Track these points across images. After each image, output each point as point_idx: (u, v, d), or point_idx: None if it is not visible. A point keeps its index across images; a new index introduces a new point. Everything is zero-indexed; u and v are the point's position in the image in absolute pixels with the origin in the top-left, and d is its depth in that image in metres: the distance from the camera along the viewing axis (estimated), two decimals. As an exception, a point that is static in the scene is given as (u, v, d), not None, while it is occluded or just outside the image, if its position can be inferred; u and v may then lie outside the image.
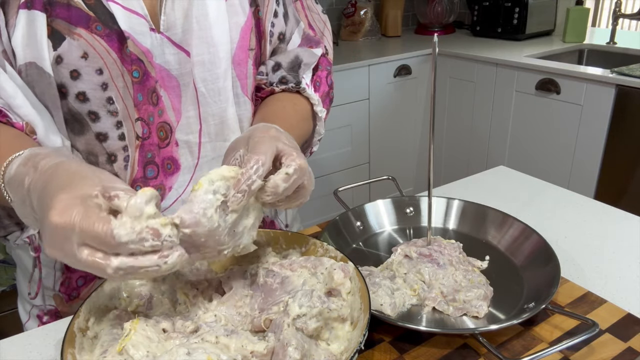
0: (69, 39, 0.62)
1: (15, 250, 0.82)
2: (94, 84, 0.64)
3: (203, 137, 0.75)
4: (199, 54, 0.70)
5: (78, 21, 0.62)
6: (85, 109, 0.66)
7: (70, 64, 0.63)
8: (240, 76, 0.75)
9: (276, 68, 0.80)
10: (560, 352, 0.56)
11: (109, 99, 0.66)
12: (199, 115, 0.74)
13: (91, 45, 0.63)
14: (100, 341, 0.51)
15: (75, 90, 0.64)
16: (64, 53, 0.62)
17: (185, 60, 0.70)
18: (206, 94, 0.73)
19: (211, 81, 0.72)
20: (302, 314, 0.52)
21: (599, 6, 3.20)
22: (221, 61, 0.72)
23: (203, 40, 0.70)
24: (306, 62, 0.81)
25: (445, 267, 0.68)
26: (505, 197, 0.96)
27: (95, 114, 0.66)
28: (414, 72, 2.50)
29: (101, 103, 0.66)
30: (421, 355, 0.58)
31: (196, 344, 0.49)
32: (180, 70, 0.70)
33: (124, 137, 0.69)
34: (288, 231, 0.68)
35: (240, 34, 0.73)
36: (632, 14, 2.41)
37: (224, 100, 0.74)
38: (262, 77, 0.80)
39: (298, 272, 0.61)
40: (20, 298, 0.87)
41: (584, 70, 2.04)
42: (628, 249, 0.79)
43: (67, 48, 0.62)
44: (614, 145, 1.98)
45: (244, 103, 0.77)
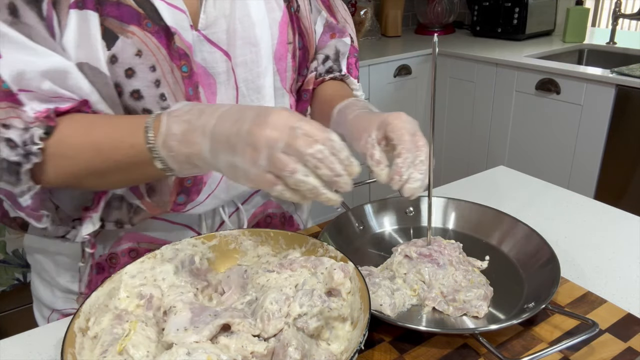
0: (123, 38, 0.62)
1: (35, 255, 0.81)
2: (148, 81, 0.65)
3: None
4: (242, 54, 0.71)
5: (130, 19, 0.62)
6: (140, 106, 0.66)
7: (125, 63, 0.63)
8: (280, 70, 0.77)
9: (325, 60, 0.85)
10: (560, 352, 0.56)
11: (161, 96, 0.66)
12: None
13: (144, 42, 0.63)
14: (100, 341, 0.51)
15: (130, 88, 0.65)
16: (118, 52, 0.62)
17: (222, 60, 0.71)
18: (246, 93, 0.74)
19: (251, 80, 0.74)
20: (302, 314, 0.52)
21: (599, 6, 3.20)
22: (262, 59, 0.73)
23: (246, 41, 0.71)
24: (343, 51, 0.87)
25: (445, 267, 0.68)
26: (505, 197, 0.96)
27: (149, 111, 0.66)
28: (414, 72, 2.50)
29: (155, 100, 0.66)
30: (421, 355, 0.58)
31: (196, 344, 0.49)
32: (217, 68, 0.71)
33: None
34: (288, 231, 0.68)
35: (279, 30, 0.75)
36: (632, 14, 2.41)
37: (262, 97, 0.76)
38: (314, 72, 0.84)
39: (298, 272, 0.61)
40: (37, 303, 0.86)
41: (583, 70, 2.04)
42: (628, 249, 0.79)
43: (121, 47, 0.62)
44: (614, 146, 1.98)
45: (283, 96, 0.80)
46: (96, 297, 0.56)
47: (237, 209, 0.81)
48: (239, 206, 0.81)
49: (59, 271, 0.79)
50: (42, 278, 0.82)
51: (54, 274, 0.79)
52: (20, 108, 0.58)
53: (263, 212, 0.86)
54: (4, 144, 0.58)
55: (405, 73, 2.48)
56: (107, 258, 0.76)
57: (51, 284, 0.81)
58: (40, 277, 0.82)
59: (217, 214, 0.80)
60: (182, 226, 0.78)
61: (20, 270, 1.83)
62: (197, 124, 0.54)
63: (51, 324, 0.69)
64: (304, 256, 0.64)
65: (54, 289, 0.81)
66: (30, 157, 0.58)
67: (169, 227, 0.77)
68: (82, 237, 0.69)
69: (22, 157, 0.58)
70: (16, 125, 0.58)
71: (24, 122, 0.58)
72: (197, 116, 0.54)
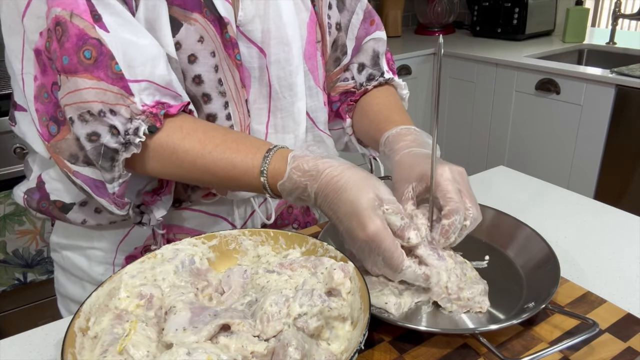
0: (186, 25, 0.64)
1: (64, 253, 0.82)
2: (208, 66, 0.67)
3: (270, 128, 0.79)
4: (276, 53, 0.74)
5: (193, 7, 0.64)
6: (200, 91, 0.68)
7: (188, 49, 0.65)
8: (312, 69, 0.80)
9: (361, 69, 0.86)
10: (560, 351, 0.56)
11: (219, 80, 0.69)
12: (269, 108, 0.77)
13: (205, 29, 0.66)
14: (101, 341, 0.51)
15: (192, 73, 0.67)
16: (182, 39, 0.65)
17: (257, 56, 0.73)
18: (279, 90, 0.76)
19: (284, 78, 0.76)
20: (302, 313, 0.52)
21: (599, 6, 3.21)
22: (294, 58, 0.75)
23: (279, 41, 0.73)
24: (381, 51, 0.87)
25: (444, 258, 0.68)
26: (505, 197, 0.96)
27: (208, 95, 0.69)
28: (414, 72, 2.50)
29: (214, 85, 0.69)
30: (421, 355, 0.58)
31: (196, 344, 0.49)
32: (252, 64, 0.74)
33: (230, 117, 0.72)
34: (288, 231, 0.68)
35: (307, 30, 0.77)
36: (631, 14, 2.42)
37: (294, 94, 0.78)
38: (348, 82, 0.85)
39: (298, 272, 0.61)
40: (63, 300, 0.88)
41: (583, 70, 2.04)
42: (628, 249, 0.79)
43: (184, 34, 0.64)
44: (614, 146, 1.98)
45: (317, 94, 0.82)
46: (96, 297, 0.56)
47: (265, 200, 0.84)
48: (266, 197, 0.84)
49: (91, 265, 0.80)
50: (71, 274, 0.83)
51: (87, 268, 0.81)
52: (130, 98, 0.59)
53: (286, 202, 0.89)
54: (107, 129, 0.59)
55: (405, 73, 2.48)
56: (142, 250, 0.78)
57: (82, 279, 0.82)
58: (68, 274, 0.84)
59: (249, 204, 0.83)
60: (216, 217, 0.81)
61: (20, 270, 1.83)
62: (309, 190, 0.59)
63: (51, 323, 0.69)
64: (304, 256, 0.64)
65: (85, 284, 0.83)
66: (130, 147, 0.60)
67: (204, 217, 0.80)
68: (157, 219, 0.71)
69: (122, 146, 0.59)
70: (123, 113, 0.59)
71: (130, 112, 0.59)
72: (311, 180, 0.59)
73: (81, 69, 0.57)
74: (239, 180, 0.63)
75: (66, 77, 0.57)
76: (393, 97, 0.85)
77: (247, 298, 0.58)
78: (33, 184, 0.75)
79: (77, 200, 0.73)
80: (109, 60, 0.57)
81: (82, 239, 0.79)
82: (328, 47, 0.83)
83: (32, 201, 0.74)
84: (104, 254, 0.79)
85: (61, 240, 0.81)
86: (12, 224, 1.77)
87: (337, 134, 0.91)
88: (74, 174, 0.63)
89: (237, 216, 0.81)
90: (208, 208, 0.79)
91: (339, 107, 0.87)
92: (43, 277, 1.83)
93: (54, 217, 0.75)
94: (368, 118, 0.83)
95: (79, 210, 0.73)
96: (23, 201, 0.76)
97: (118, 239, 0.78)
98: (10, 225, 1.77)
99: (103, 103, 0.58)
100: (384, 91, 0.86)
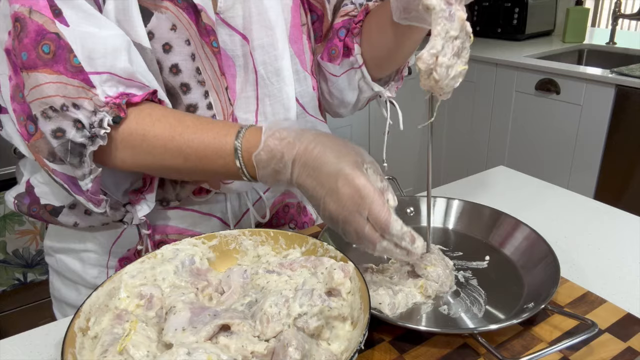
0: (157, 13, 0.63)
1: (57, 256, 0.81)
2: (184, 54, 0.66)
3: (259, 117, 0.77)
4: (259, 37, 0.73)
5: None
6: (178, 81, 0.67)
7: (162, 38, 0.64)
8: (298, 53, 0.78)
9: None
10: (559, 352, 0.56)
11: (197, 69, 0.68)
12: (256, 96, 0.76)
13: (177, 17, 0.65)
14: (101, 341, 0.51)
15: (169, 63, 0.66)
16: (154, 28, 0.64)
17: (240, 43, 0.72)
18: (265, 76, 0.75)
19: (270, 63, 0.74)
20: (302, 313, 0.52)
21: (599, 6, 3.21)
22: (278, 42, 0.74)
23: (262, 25, 0.72)
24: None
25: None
26: (505, 197, 0.96)
27: (186, 85, 0.68)
28: (414, 72, 2.50)
29: (192, 74, 0.68)
30: (421, 355, 0.58)
31: (196, 344, 0.49)
32: (236, 51, 0.73)
33: (212, 106, 0.71)
34: (288, 231, 0.68)
35: (291, 13, 0.76)
36: (631, 14, 2.42)
37: (281, 79, 0.76)
38: (347, 7, 0.83)
39: (298, 272, 0.61)
40: (59, 304, 0.87)
41: (583, 70, 2.04)
42: (628, 249, 0.79)
43: (156, 23, 0.64)
44: (614, 146, 1.98)
45: (305, 78, 0.81)
46: (96, 297, 0.56)
47: (260, 198, 0.83)
48: (261, 195, 0.83)
49: (85, 268, 0.80)
50: (65, 277, 0.82)
51: (80, 272, 0.80)
52: (92, 90, 0.58)
53: (282, 201, 0.88)
54: (71, 124, 0.58)
55: (405, 73, 2.48)
56: (135, 252, 0.77)
57: (77, 282, 0.81)
58: (62, 277, 0.83)
59: (243, 203, 0.82)
60: (209, 216, 0.80)
61: (20, 270, 1.84)
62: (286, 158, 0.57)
63: (51, 323, 0.69)
64: (304, 256, 0.64)
65: (79, 287, 0.82)
66: (97, 139, 0.59)
67: (196, 217, 0.79)
68: (139, 219, 0.70)
69: (88, 140, 0.58)
70: (86, 106, 0.58)
71: (94, 105, 0.58)
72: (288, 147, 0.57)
73: (40, 64, 0.56)
74: (211, 159, 0.61)
75: (27, 73, 0.57)
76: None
77: (247, 299, 0.58)
78: (22, 189, 0.74)
79: (66, 203, 0.72)
80: (67, 53, 0.56)
81: (75, 242, 0.78)
82: (329, 13, 0.81)
83: (22, 206, 0.73)
84: (97, 257, 0.78)
85: (54, 243, 0.81)
86: (12, 224, 1.77)
87: (348, 78, 0.86)
88: (52, 172, 0.62)
89: (230, 215, 0.80)
90: (200, 207, 0.78)
91: (345, 37, 0.83)
92: (43, 277, 1.83)
93: (46, 220, 0.74)
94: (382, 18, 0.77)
95: (69, 213, 0.73)
96: (14, 206, 0.74)
97: (110, 241, 0.77)
98: (10, 225, 1.77)
99: (65, 97, 0.57)
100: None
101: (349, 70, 0.85)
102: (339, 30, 0.83)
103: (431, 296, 0.66)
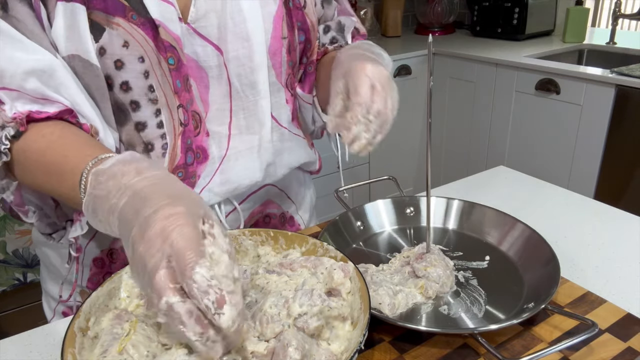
0: (109, 30, 0.63)
1: (42, 248, 0.82)
2: (136, 72, 0.66)
3: (233, 130, 0.76)
4: (234, 49, 0.71)
5: (115, 11, 0.63)
6: (128, 98, 0.67)
7: (113, 54, 0.64)
8: (275, 65, 0.77)
9: (326, 30, 0.85)
10: (559, 352, 0.56)
11: (150, 87, 0.67)
12: (230, 108, 0.75)
13: (130, 34, 0.64)
14: (101, 341, 0.51)
15: (120, 80, 0.65)
16: (105, 44, 0.63)
17: (213, 54, 0.71)
18: (239, 89, 0.74)
19: (245, 75, 0.73)
20: (303, 313, 0.52)
21: (599, 6, 3.20)
22: (255, 54, 0.73)
23: (238, 36, 0.71)
24: (348, 25, 0.86)
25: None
26: (505, 197, 0.96)
27: (136, 103, 0.67)
28: (414, 72, 2.50)
29: (143, 92, 0.67)
30: (421, 355, 0.58)
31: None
32: (209, 62, 0.71)
33: (162, 124, 0.70)
34: (288, 231, 0.68)
35: (273, 24, 0.74)
36: (631, 14, 2.41)
37: (257, 92, 0.75)
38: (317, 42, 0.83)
39: (298, 272, 0.61)
40: (45, 295, 0.87)
41: (583, 70, 2.04)
42: (628, 249, 0.79)
43: (108, 39, 0.63)
44: (614, 145, 1.98)
45: (278, 90, 0.79)
46: (96, 297, 0.56)
47: (235, 209, 0.80)
48: (236, 206, 0.80)
49: (63, 264, 0.80)
50: (50, 270, 0.83)
51: (59, 266, 0.80)
52: (1, 106, 0.58)
53: (262, 212, 0.86)
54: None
55: (405, 73, 2.48)
56: (107, 253, 0.77)
57: (57, 276, 0.82)
58: (47, 270, 0.84)
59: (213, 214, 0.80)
60: None
61: (20, 270, 1.84)
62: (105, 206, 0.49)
63: (51, 323, 0.69)
64: (304, 256, 0.64)
65: (60, 281, 0.82)
66: (1, 155, 0.59)
67: None
68: (68, 239, 0.67)
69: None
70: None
71: (1, 120, 0.58)
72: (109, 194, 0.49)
73: None
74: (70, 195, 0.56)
75: None
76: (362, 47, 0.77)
77: (247, 299, 0.58)
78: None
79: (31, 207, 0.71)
80: None
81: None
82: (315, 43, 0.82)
83: (5, 207, 0.73)
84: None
85: (39, 237, 0.81)
86: (12, 224, 1.77)
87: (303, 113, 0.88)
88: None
89: None
90: None
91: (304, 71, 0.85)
92: (43, 277, 1.83)
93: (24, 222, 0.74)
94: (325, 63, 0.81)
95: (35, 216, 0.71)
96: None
97: (85, 240, 0.76)
98: (10, 225, 1.77)
99: None
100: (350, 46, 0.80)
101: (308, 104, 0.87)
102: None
103: (432, 297, 0.66)
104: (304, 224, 0.94)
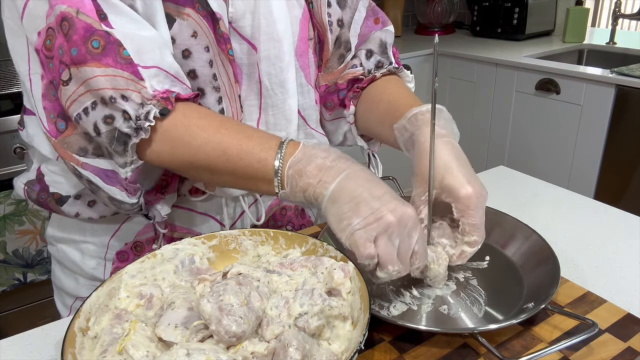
0: (179, 20, 0.65)
1: (58, 245, 0.83)
2: (203, 61, 0.68)
3: (261, 126, 0.78)
4: (266, 49, 0.73)
5: (185, 2, 0.65)
6: (195, 86, 0.69)
7: (182, 44, 0.66)
8: (303, 66, 0.79)
9: (369, 55, 0.83)
10: (559, 351, 0.56)
11: (214, 76, 0.69)
12: (259, 105, 0.77)
13: (198, 24, 0.66)
14: (100, 341, 0.51)
15: (187, 68, 0.67)
16: (175, 34, 0.65)
17: (250, 53, 0.73)
18: (269, 87, 0.76)
19: (275, 74, 0.75)
20: (303, 313, 0.52)
21: (599, 6, 3.20)
22: (285, 54, 0.75)
23: (270, 36, 0.73)
24: (389, 42, 0.85)
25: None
26: (505, 197, 0.96)
27: (202, 90, 0.69)
28: (414, 72, 2.48)
29: (208, 80, 0.69)
30: (421, 355, 0.58)
31: (196, 345, 0.49)
32: (244, 60, 0.74)
33: (224, 112, 0.72)
34: (288, 231, 0.68)
35: (299, 27, 0.77)
36: (631, 14, 2.42)
37: (285, 91, 0.77)
38: (356, 69, 0.83)
39: (298, 272, 0.61)
40: (59, 293, 0.89)
41: (583, 70, 2.04)
42: (628, 249, 0.79)
43: (177, 29, 0.65)
44: (614, 145, 1.98)
45: (308, 92, 0.82)
46: (96, 297, 0.56)
47: (256, 200, 0.84)
48: (257, 198, 0.84)
49: (84, 259, 0.81)
50: (66, 267, 0.84)
51: (79, 262, 0.81)
52: (141, 83, 0.59)
53: (279, 204, 0.88)
54: (120, 114, 0.59)
55: (405, 73, 2.48)
56: (132, 246, 0.78)
57: (75, 272, 0.83)
58: (63, 267, 0.85)
59: (238, 204, 0.82)
60: (205, 215, 0.81)
61: (20, 270, 1.83)
62: (332, 166, 0.57)
63: (51, 323, 0.69)
64: (304, 256, 0.64)
65: (78, 277, 0.83)
66: (140, 132, 0.60)
67: (192, 216, 0.80)
68: (162, 217, 0.72)
69: (133, 131, 0.60)
70: (134, 99, 0.59)
71: (141, 98, 0.59)
72: (334, 159, 0.58)
73: (89, 58, 0.58)
74: (251, 153, 0.61)
75: (76, 68, 0.58)
76: (406, 88, 0.83)
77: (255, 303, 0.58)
78: (33, 176, 0.76)
79: (72, 193, 0.74)
80: (117, 47, 0.58)
81: (75, 232, 0.80)
82: (330, 44, 0.82)
83: (32, 193, 0.75)
84: (96, 248, 0.80)
85: (56, 233, 0.82)
86: (12, 224, 1.77)
87: (336, 124, 0.89)
88: (82, 166, 0.63)
89: (225, 215, 0.81)
90: (197, 206, 0.79)
91: (345, 95, 0.85)
92: (43, 277, 1.83)
93: (51, 209, 0.76)
94: (383, 103, 0.79)
95: (74, 203, 0.74)
96: (23, 192, 0.76)
97: (109, 234, 0.79)
98: (10, 225, 1.77)
99: (114, 89, 0.58)
100: (394, 81, 0.83)
101: (339, 119, 0.88)
102: (340, 90, 0.85)
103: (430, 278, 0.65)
104: (314, 216, 0.97)
